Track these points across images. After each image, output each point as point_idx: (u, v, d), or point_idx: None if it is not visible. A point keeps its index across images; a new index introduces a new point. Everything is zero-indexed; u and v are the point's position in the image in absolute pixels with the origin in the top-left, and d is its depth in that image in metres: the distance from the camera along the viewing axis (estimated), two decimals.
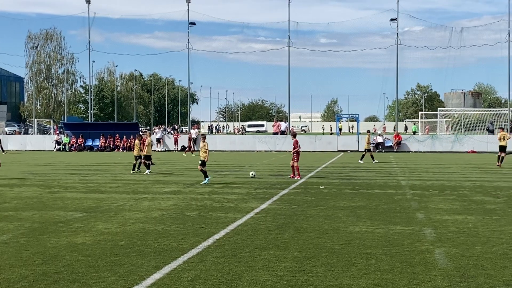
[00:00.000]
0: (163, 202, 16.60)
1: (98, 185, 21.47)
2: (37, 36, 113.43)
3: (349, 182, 22.62)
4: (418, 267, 8.83)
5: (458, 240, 10.97)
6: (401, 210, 14.91)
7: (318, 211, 14.74)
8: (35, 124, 77.55)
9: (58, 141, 58.43)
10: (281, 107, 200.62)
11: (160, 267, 8.85)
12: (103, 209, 15.09)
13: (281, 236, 11.36)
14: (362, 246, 10.41)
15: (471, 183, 22.09)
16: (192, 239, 11.00)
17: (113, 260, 9.28)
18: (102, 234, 11.61)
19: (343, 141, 54.52)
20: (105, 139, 57.42)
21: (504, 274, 8.44)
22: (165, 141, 57.65)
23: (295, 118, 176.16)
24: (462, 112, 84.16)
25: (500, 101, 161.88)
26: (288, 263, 9.08)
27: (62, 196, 18.00)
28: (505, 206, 15.71)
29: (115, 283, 8.00)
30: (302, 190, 19.58)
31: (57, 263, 9.13)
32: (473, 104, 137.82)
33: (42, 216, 13.97)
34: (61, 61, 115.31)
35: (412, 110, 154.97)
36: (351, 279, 8.21)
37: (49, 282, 8.03)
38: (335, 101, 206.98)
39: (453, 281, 8.09)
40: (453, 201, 16.79)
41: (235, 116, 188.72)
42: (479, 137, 53.40)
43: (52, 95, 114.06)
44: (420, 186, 20.86)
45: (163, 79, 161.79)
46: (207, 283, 7.98)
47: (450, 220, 13.24)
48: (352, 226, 12.51)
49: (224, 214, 14.25)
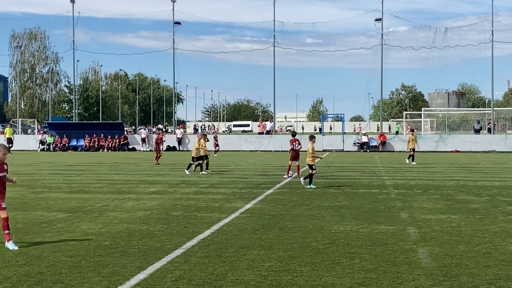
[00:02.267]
0: (148, 202, 16.55)
1: (82, 185, 21.37)
2: (21, 35, 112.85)
3: (334, 181, 22.67)
4: (401, 266, 8.86)
5: (441, 239, 11.03)
6: (385, 209, 14.96)
7: (303, 210, 14.76)
8: (19, 124, 77.05)
9: (42, 141, 58.11)
10: (267, 107, 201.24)
11: (144, 267, 8.81)
12: (87, 210, 15.02)
13: (266, 235, 11.36)
14: (346, 245, 10.43)
15: (454, 183, 22.21)
16: (176, 239, 10.97)
17: (96, 261, 9.23)
18: (86, 234, 11.55)
19: (328, 140, 54.63)
20: (89, 139, 57.18)
21: (487, 273, 8.49)
22: (150, 140, 57.49)
23: (281, 118, 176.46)
24: (446, 112, 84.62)
25: (483, 101, 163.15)
26: (273, 263, 9.08)
27: (45, 197, 17.89)
28: (488, 205, 15.81)
29: (99, 283, 7.95)
30: (287, 190, 19.60)
31: (40, 263, 9.07)
32: (457, 104, 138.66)
33: (25, 216, 13.88)
34: (45, 60, 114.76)
35: (397, 110, 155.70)
36: (335, 278, 8.22)
37: (32, 283, 7.98)
38: (321, 101, 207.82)
39: (436, 280, 8.13)
40: (437, 200, 16.88)
41: (220, 116, 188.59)
42: (463, 137, 53.74)
43: (36, 94, 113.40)
44: (404, 186, 20.94)
45: (148, 78, 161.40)
46: (191, 283, 7.96)
47: (434, 220, 13.30)
48: (337, 225, 12.54)
49: (209, 214, 14.23)
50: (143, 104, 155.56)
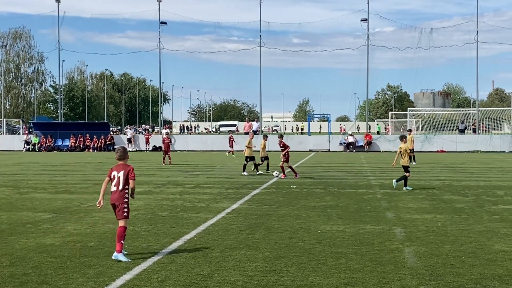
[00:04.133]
0: (134, 202, 16.43)
1: (68, 186, 21.25)
2: (6, 35, 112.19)
3: (320, 181, 22.70)
4: (387, 266, 8.88)
5: (427, 239, 11.07)
6: (371, 209, 15.00)
7: (289, 210, 14.77)
8: (4, 124, 76.50)
9: (27, 141, 57.76)
10: (253, 107, 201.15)
11: (130, 268, 8.77)
12: (73, 210, 14.94)
13: (252, 236, 11.35)
14: (332, 245, 10.45)
15: (440, 183, 22.32)
16: (162, 240, 10.94)
17: (82, 262, 9.18)
18: (71, 235, 11.49)
19: (314, 141, 54.72)
20: (75, 139, 56.91)
21: (472, 273, 8.53)
22: (137, 140, 57.32)
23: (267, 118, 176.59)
24: (431, 112, 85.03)
25: (468, 101, 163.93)
26: (259, 263, 9.08)
27: (31, 197, 17.78)
28: (473, 205, 15.89)
29: (84, 284, 7.91)
30: (273, 190, 19.60)
31: (25, 264, 9.00)
32: (443, 104, 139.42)
33: (10, 217, 13.78)
34: (30, 60, 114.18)
35: (383, 110, 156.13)
36: (321, 278, 8.23)
37: (17, 284, 7.92)
38: (307, 101, 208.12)
39: (422, 279, 8.16)
40: (422, 200, 16.94)
41: (207, 116, 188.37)
42: (448, 137, 54.04)
43: (21, 94, 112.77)
44: (390, 186, 20.99)
45: (134, 78, 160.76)
46: (177, 284, 7.94)
47: (420, 219, 13.35)
48: (323, 225, 12.55)
49: (195, 214, 14.20)
50: (129, 104, 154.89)
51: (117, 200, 9.52)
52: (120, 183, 9.56)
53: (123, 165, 9.75)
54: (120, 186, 9.55)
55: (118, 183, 9.57)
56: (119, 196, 9.51)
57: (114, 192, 9.59)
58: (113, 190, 9.61)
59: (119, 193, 9.53)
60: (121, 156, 9.85)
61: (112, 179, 9.67)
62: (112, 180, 9.65)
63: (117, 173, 9.64)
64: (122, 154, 9.86)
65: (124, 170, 9.63)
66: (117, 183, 9.57)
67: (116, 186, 9.56)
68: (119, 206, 9.50)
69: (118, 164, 9.80)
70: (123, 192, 9.54)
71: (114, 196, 9.58)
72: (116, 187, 9.57)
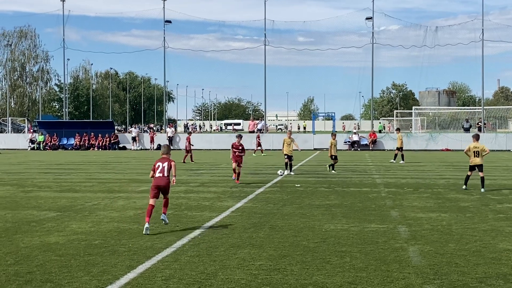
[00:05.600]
0: (138, 201, 16.50)
1: (73, 184, 21.28)
2: (11, 33, 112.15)
3: (325, 180, 22.68)
4: (392, 265, 8.87)
5: (432, 237, 11.05)
6: (376, 208, 14.98)
7: (294, 209, 14.76)
8: (9, 122, 76.65)
9: (32, 139, 57.85)
10: (258, 105, 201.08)
11: (134, 266, 8.78)
12: (77, 208, 14.96)
13: (256, 234, 11.35)
14: (337, 244, 10.43)
15: (445, 181, 22.28)
16: (167, 238, 10.95)
17: (86, 260, 9.20)
18: (76, 233, 11.50)
19: (319, 139, 54.66)
20: (80, 138, 56.98)
21: (477, 272, 8.51)
22: (142, 139, 57.41)
23: (272, 117, 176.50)
24: (436, 110, 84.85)
25: (474, 99, 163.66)
26: (263, 262, 9.07)
27: (35, 195, 17.81)
28: (478, 203, 15.86)
29: (88, 283, 7.92)
30: (278, 189, 19.59)
31: (30, 263, 9.02)
32: (448, 103, 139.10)
33: (15, 215, 13.81)
34: (35, 59, 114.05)
35: (388, 109, 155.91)
36: (325, 277, 8.22)
37: (21, 282, 7.93)
38: (312, 99, 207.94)
39: (426, 278, 8.14)
40: (427, 199, 16.91)
41: (211, 115, 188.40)
42: (453, 135, 53.91)
43: (26, 93, 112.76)
44: (395, 184, 20.98)
45: (139, 77, 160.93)
46: (181, 282, 7.94)
47: (424, 218, 13.33)
48: (327, 224, 12.54)
49: (199, 213, 14.20)
50: (134, 102, 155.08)
51: (161, 183, 11.98)
52: (164, 171, 12.04)
53: (167, 158, 12.28)
54: (165, 173, 12.03)
55: (163, 171, 12.06)
56: (164, 180, 12.01)
57: (159, 178, 12.03)
58: (158, 176, 12.04)
59: (164, 178, 12.01)
60: (165, 151, 12.59)
61: (156, 168, 12.12)
62: (157, 169, 12.11)
63: (162, 163, 12.15)
64: (166, 149, 12.65)
65: (168, 162, 12.14)
66: (162, 171, 12.06)
67: (161, 173, 12.04)
68: (165, 187, 12.06)
69: (163, 157, 12.33)
70: (167, 178, 12.05)
71: (159, 181, 12.00)
72: (161, 173, 12.04)
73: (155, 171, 12.14)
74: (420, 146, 51.16)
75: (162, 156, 12.43)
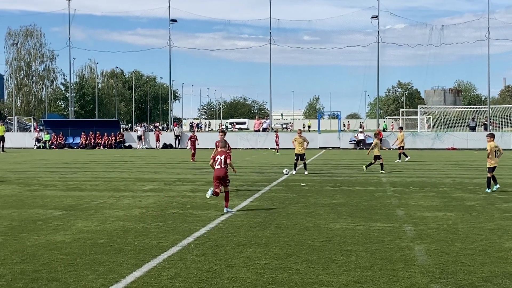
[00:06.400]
0: (144, 200, 16.52)
1: (78, 183, 21.32)
2: (17, 32, 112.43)
3: (330, 179, 22.66)
4: (398, 264, 8.85)
5: (437, 236, 11.03)
6: (381, 207, 14.96)
7: (299, 208, 14.75)
8: (15, 121, 76.85)
9: (38, 138, 58.00)
10: (263, 104, 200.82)
11: (139, 265, 8.79)
12: (83, 207, 14.99)
13: (262, 233, 11.34)
14: (342, 243, 10.42)
15: (451, 180, 22.24)
16: (172, 237, 10.95)
17: (92, 259, 9.21)
18: (82, 232, 11.52)
19: (324, 138, 54.64)
20: (86, 137, 57.10)
21: (483, 271, 8.48)
22: (147, 138, 57.47)
23: (277, 116, 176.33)
24: (442, 109, 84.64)
25: (480, 98, 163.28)
26: (269, 261, 9.07)
27: (41, 194, 17.85)
28: (484, 202, 15.82)
29: (94, 281, 7.93)
30: (283, 188, 19.59)
31: (36, 261, 9.04)
32: (453, 101, 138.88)
33: (21, 214, 13.85)
34: (41, 58, 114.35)
35: (393, 108, 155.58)
36: (331, 276, 8.21)
37: (27, 281, 7.95)
38: (317, 98, 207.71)
39: (432, 277, 8.12)
40: (433, 198, 16.88)
41: (217, 114, 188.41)
42: (459, 134, 53.82)
43: (32, 92, 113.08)
44: (401, 183, 20.95)
45: (144, 76, 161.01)
46: (187, 281, 7.94)
47: (430, 217, 13.30)
48: (333, 223, 12.53)
49: (205, 211, 14.21)
50: (139, 101, 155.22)
51: (220, 173, 13.91)
52: (222, 163, 13.96)
53: (223, 151, 14.24)
54: (222, 165, 13.95)
55: (221, 163, 13.97)
56: (223, 171, 13.93)
57: (218, 169, 13.98)
58: (217, 167, 13.97)
59: (222, 169, 13.95)
60: (223, 144, 14.58)
61: (215, 161, 14.06)
62: (216, 161, 14.06)
63: (220, 156, 14.07)
64: (223, 144, 14.64)
65: (225, 154, 14.06)
66: (220, 163, 13.97)
67: (220, 165, 13.96)
68: (225, 178, 13.98)
69: (220, 151, 14.29)
70: (225, 168, 13.97)
71: (218, 172, 13.95)
72: (220, 165, 13.96)
73: (215, 162, 14.09)
74: (426, 145, 51.09)
75: (220, 149, 14.36)
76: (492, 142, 18.48)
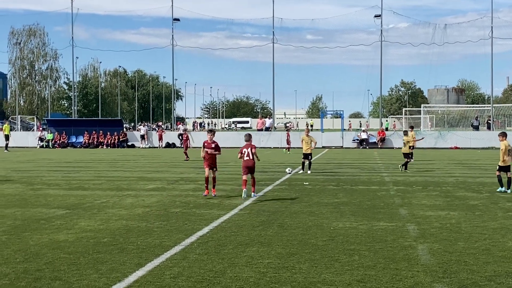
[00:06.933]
0: (147, 199, 16.53)
1: (81, 182, 21.34)
2: (20, 32, 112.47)
3: (333, 178, 22.65)
4: (401, 263, 8.84)
5: (441, 236, 11.01)
6: (384, 206, 14.95)
7: (302, 207, 14.75)
8: (19, 120, 76.96)
9: (41, 137, 58.08)
10: (266, 103, 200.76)
11: (142, 264, 8.79)
12: (86, 206, 15.00)
13: (265, 232, 11.34)
14: (345, 242, 10.41)
15: (454, 179, 22.21)
16: (175, 236, 10.95)
17: (95, 258, 9.21)
18: (85, 231, 11.52)
19: (327, 137, 54.62)
20: (89, 136, 57.15)
21: (486, 270, 8.47)
22: (150, 137, 57.50)
23: (280, 115, 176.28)
24: (445, 108, 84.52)
25: (483, 97, 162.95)
26: (272, 260, 9.06)
27: (44, 193, 17.87)
28: (487, 202, 15.80)
29: (97, 280, 7.93)
30: (286, 187, 19.59)
31: (39, 260, 9.04)
32: (457, 100, 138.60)
33: (24, 213, 13.86)
34: (44, 57, 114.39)
35: (396, 107, 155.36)
36: (334, 275, 8.20)
37: (30, 280, 7.95)
38: (320, 97, 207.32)
39: (435, 276, 8.11)
40: (436, 197, 16.86)
41: (219, 113, 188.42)
42: (463, 133, 53.77)
43: (35, 91, 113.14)
44: (404, 182, 20.93)
45: (147, 75, 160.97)
46: (190, 280, 7.94)
47: (433, 216, 13.28)
48: (336, 222, 12.52)
49: (208, 211, 14.21)
50: (142, 101, 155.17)
51: (249, 164, 16.30)
52: (250, 155, 16.36)
53: (250, 144, 16.50)
54: (250, 157, 16.35)
55: (249, 155, 16.37)
56: (251, 162, 16.33)
57: (247, 160, 16.33)
58: (246, 159, 16.34)
59: (251, 160, 16.33)
60: (248, 138, 16.74)
61: (243, 153, 16.41)
62: (244, 154, 16.40)
63: (247, 149, 16.42)
64: (249, 138, 16.78)
65: (251, 147, 16.46)
66: (248, 155, 16.37)
67: (248, 157, 16.35)
68: (252, 167, 16.42)
69: (247, 144, 16.51)
70: (252, 159, 16.35)
71: (248, 162, 16.31)
72: (248, 157, 16.36)
73: (243, 155, 16.33)
74: (429, 144, 51.02)
75: (246, 143, 16.51)
76: (506, 140, 18.30)
